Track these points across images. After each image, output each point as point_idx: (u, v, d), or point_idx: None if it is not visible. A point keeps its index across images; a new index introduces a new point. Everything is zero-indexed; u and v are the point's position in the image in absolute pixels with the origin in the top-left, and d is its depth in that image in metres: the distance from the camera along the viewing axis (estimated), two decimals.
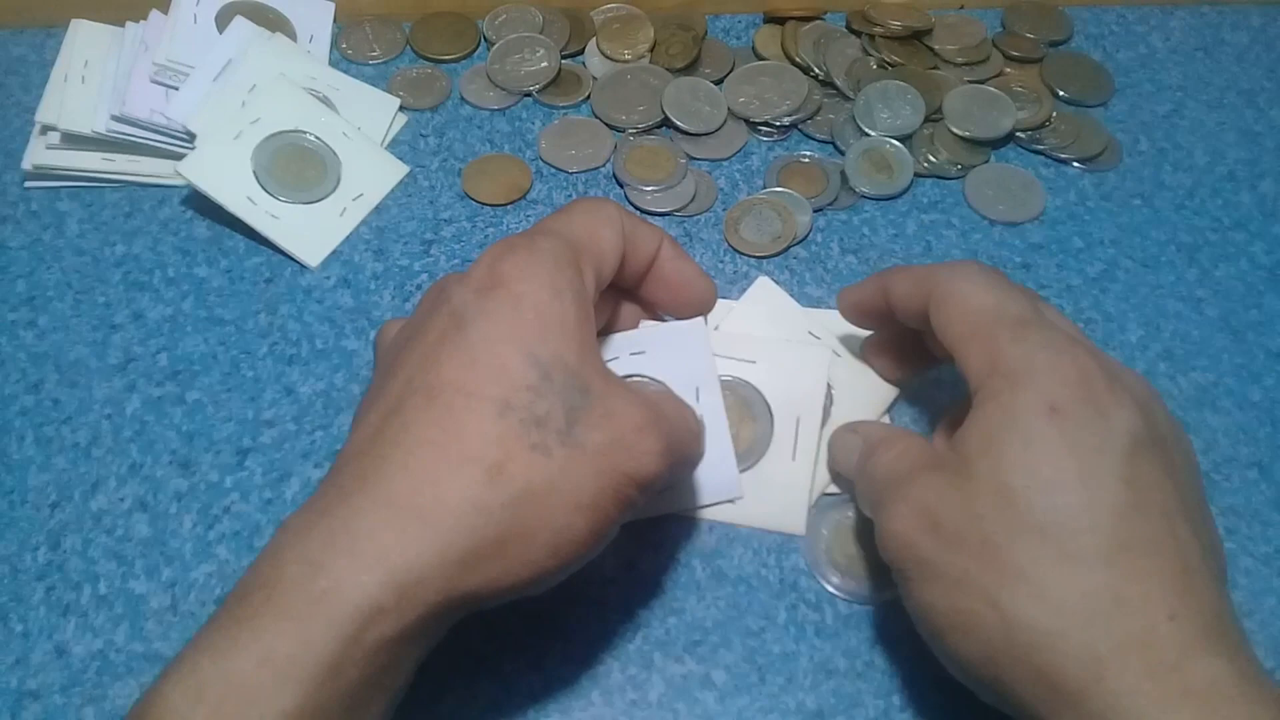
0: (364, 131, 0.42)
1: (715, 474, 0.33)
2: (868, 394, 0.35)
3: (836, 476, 0.34)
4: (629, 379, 0.32)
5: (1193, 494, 0.27)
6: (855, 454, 0.32)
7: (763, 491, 0.33)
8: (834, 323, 0.35)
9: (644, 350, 0.32)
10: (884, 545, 0.28)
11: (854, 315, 0.34)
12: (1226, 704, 0.23)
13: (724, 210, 0.42)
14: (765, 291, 0.37)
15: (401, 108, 0.44)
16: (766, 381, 0.34)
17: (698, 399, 0.32)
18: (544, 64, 0.45)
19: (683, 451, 0.28)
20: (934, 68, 0.46)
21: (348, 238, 0.41)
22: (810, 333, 0.36)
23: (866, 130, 0.44)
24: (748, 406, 0.34)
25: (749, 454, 0.34)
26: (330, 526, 0.24)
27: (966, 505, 0.26)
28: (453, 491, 0.24)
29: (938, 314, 0.29)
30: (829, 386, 0.35)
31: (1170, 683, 0.23)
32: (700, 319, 0.32)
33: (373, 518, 0.24)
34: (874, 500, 0.29)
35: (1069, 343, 0.27)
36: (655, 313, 0.33)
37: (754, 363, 0.34)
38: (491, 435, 0.24)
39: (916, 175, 0.43)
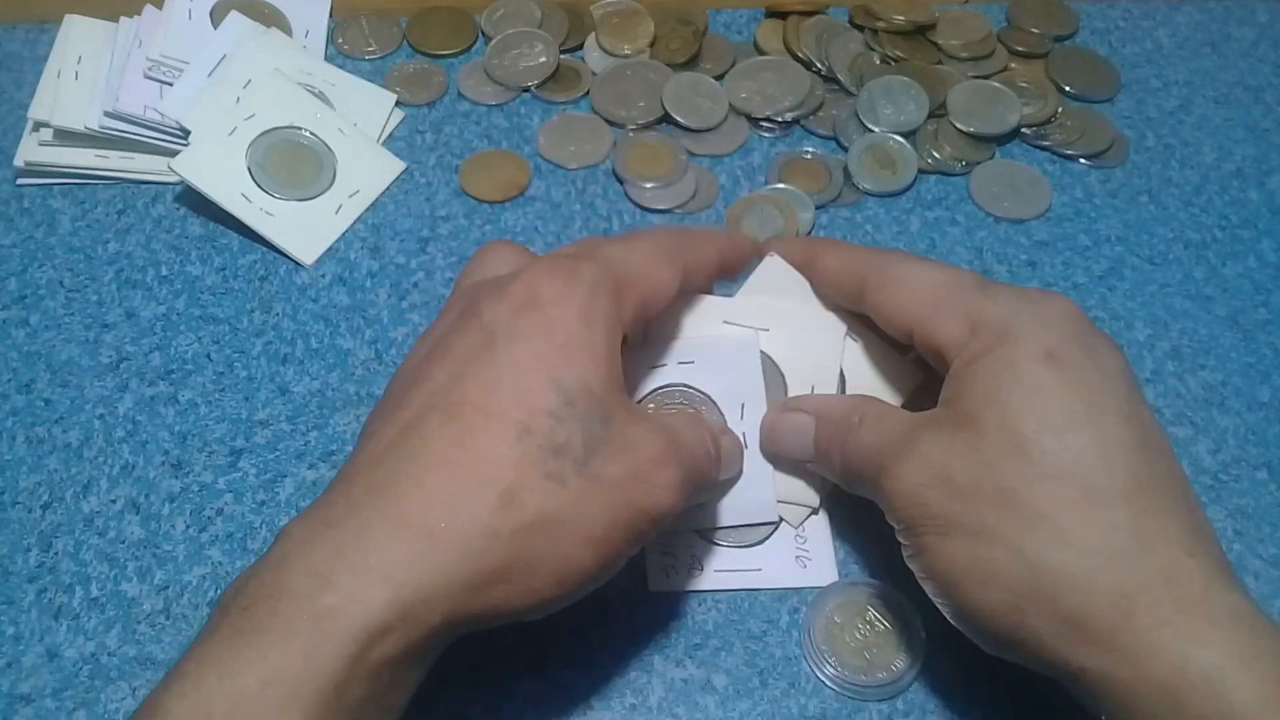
0: (360, 127, 0.42)
1: (753, 494, 0.32)
2: (889, 379, 0.33)
3: (779, 461, 0.32)
4: (671, 389, 0.32)
5: None
6: (808, 434, 0.31)
7: (780, 474, 0.33)
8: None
9: (693, 360, 0.32)
10: (893, 506, 0.28)
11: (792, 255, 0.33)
12: (1252, 634, 0.23)
13: (725, 207, 0.41)
14: (775, 269, 0.34)
15: (398, 103, 0.44)
16: (782, 352, 0.33)
17: (742, 416, 0.32)
18: (542, 59, 0.45)
19: (700, 479, 0.28)
20: (938, 63, 0.46)
21: (343, 235, 0.40)
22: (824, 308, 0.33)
23: (870, 126, 0.43)
24: (765, 375, 0.32)
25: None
26: (339, 539, 0.23)
27: (978, 456, 0.26)
28: (464, 514, 0.24)
29: (881, 298, 0.30)
30: (841, 371, 0.33)
31: (1199, 615, 0.24)
32: (754, 335, 0.33)
33: (382, 534, 0.23)
34: (869, 470, 0.28)
35: (1039, 292, 0.28)
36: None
37: (768, 330, 0.33)
38: (508, 460, 0.24)
39: (920, 172, 0.42)
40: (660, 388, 0.32)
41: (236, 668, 0.22)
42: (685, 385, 0.32)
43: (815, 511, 0.33)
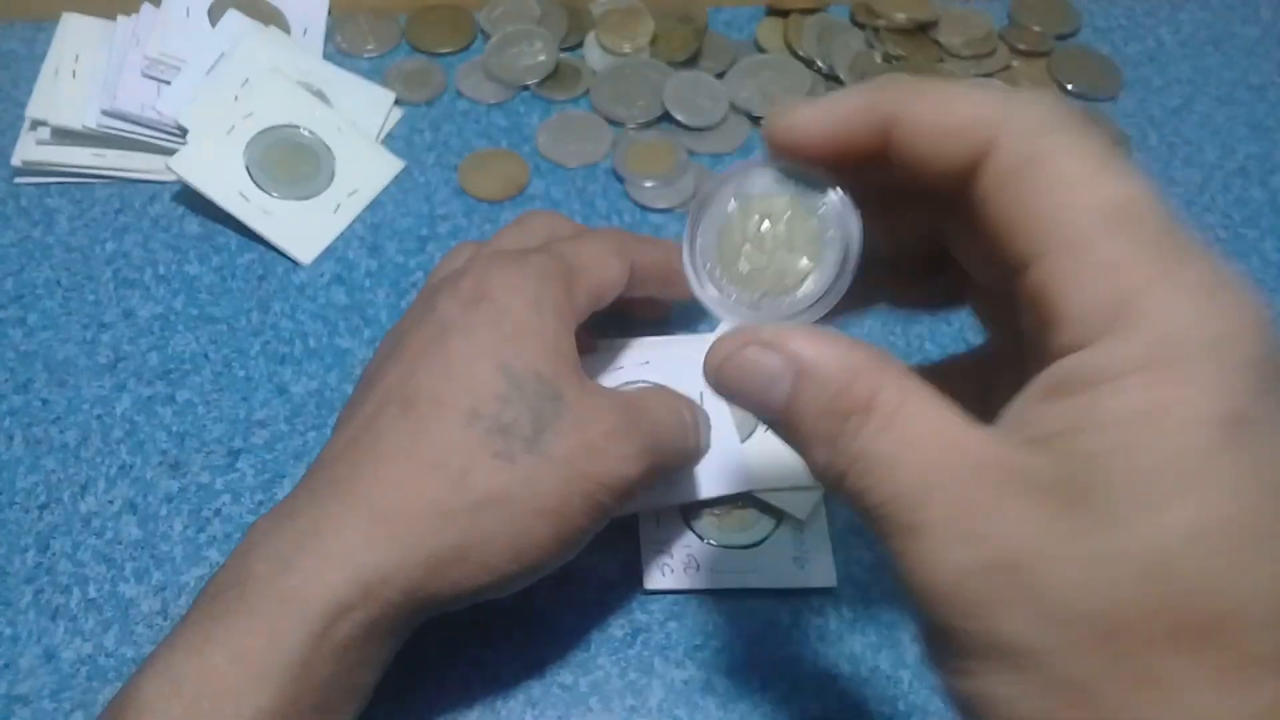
0: (359, 126, 0.42)
1: (726, 468, 0.33)
2: None
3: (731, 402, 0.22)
4: (628, 384, 0.33)
5: None
6: (778, 388, 0.19)
7: (771, 457, 0.33)
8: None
9: (649, 361, 0.34)
10: (926, 605, 0.18)
11: (814, 148, 0.21)
12: None
13: None
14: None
15: (397, 102, 0.43)
16: None
17: (701, 401, 0.33)
18: (542, 57, 0.45)
19: (670, 447, 0.29)
20: (940, 61, 0.45)
21: (342, 234, 0.40)
22: None
23: None
24: None
25: (744, 427, 0.34)
26: (299, 527, 0.25)
27: (1092, 570, 0.16)
28: (418, 497, 0.25)
29: (1003, 198, 0.18)
30: None
31: None
32: (702, 337, 0.35)
33: (340, 520, 0.25)
34: (882, 511, 0.18)
35: (1237, 285, 0.17)
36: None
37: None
38: (458, 443, 0.26)
39: None
40: (620, 386, 0.34)
41: (206, 648, 0.23)
42: (643, 380, 0.34)
43: (822, 499, 0.33)
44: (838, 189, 0.20)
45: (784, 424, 0.20)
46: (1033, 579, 0.17)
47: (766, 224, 0.21)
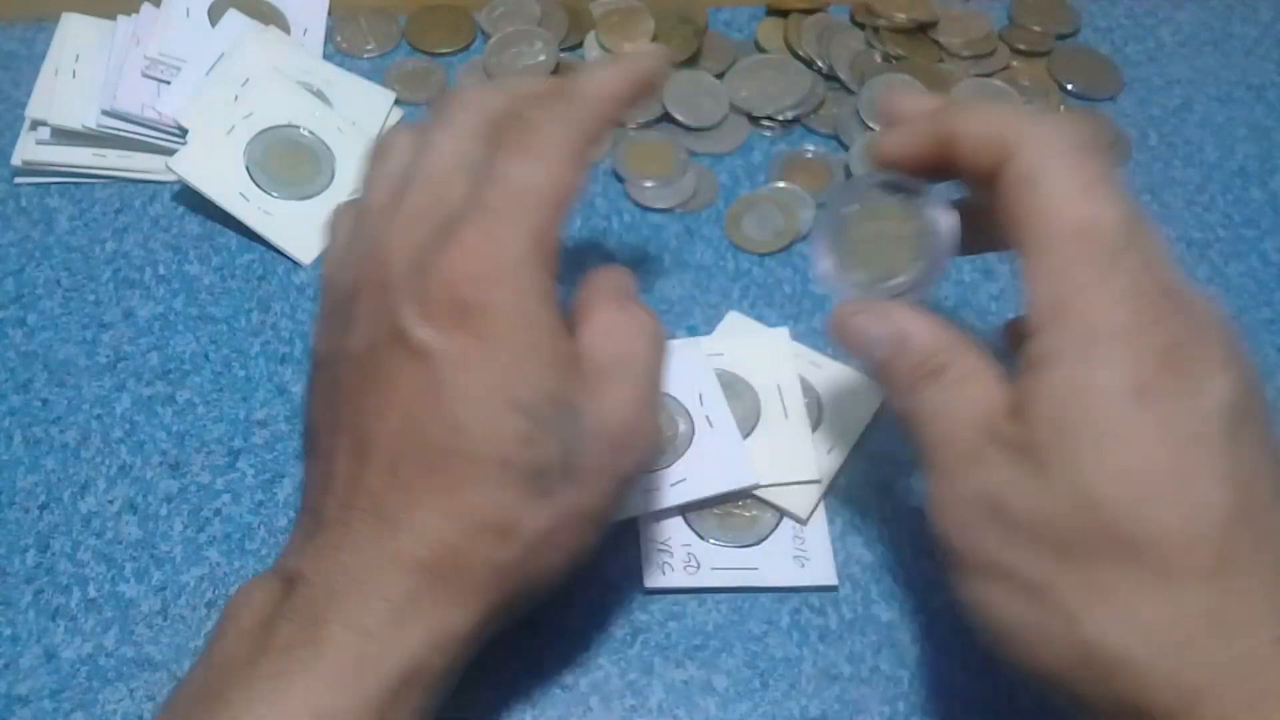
0: (359, 126, 0.42)
1: (729, 464, 0.33)
2: (855, 397, 0.35)
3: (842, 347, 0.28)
4: None
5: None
6: (886, 350, 0.26)
7: (770, 453, 0.34)
8: (807, 340, 0.37)
9: None
10: (941, 528, 0.25)
11: (905, 161, 0.27)
12: None
13: (725, 206, 0.41)
14: (736, 324, 0.38)
15: (397, 102, 0.43)
16: (737, 365, 0.36)
17: (701, 403, 0.34)
18: (542, 58, 0.45)
19: (661, 368, 0.28)
20: (939, 61, 0.45)
21: None
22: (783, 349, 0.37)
23: (871, 125, 0.43)
24: (730, 388, 0.35)
25: (744, 424, 0.34)
26: (364, 590, 0.24)
27: (1041, 503, 0.22)
28: (475, 558, 0.25)
29: (1009, 199, 0.24)
30: (816, 391, 0.36)
31: (1272, 713, 0.21)
32: (699, 341, 0.36)
33: (405, 583, 0.24)
34: (924, 452, 0.25)
35: (1160, 291, 0.23)
36: None
37: (722, 355, 0.36)
38: (499, 500, 0.25)
39: None
40: None
41: (287, 705, 0.23)
42: None
43: (822, 497, 0.33)
44: (935, 200, 0.26)
45: (879, 373, 0.27)
46: (1002, 509, 0.23)
47: (880, 223, 0.27)
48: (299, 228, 0.39)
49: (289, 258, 0.39)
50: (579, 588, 0.32)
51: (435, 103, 0.29)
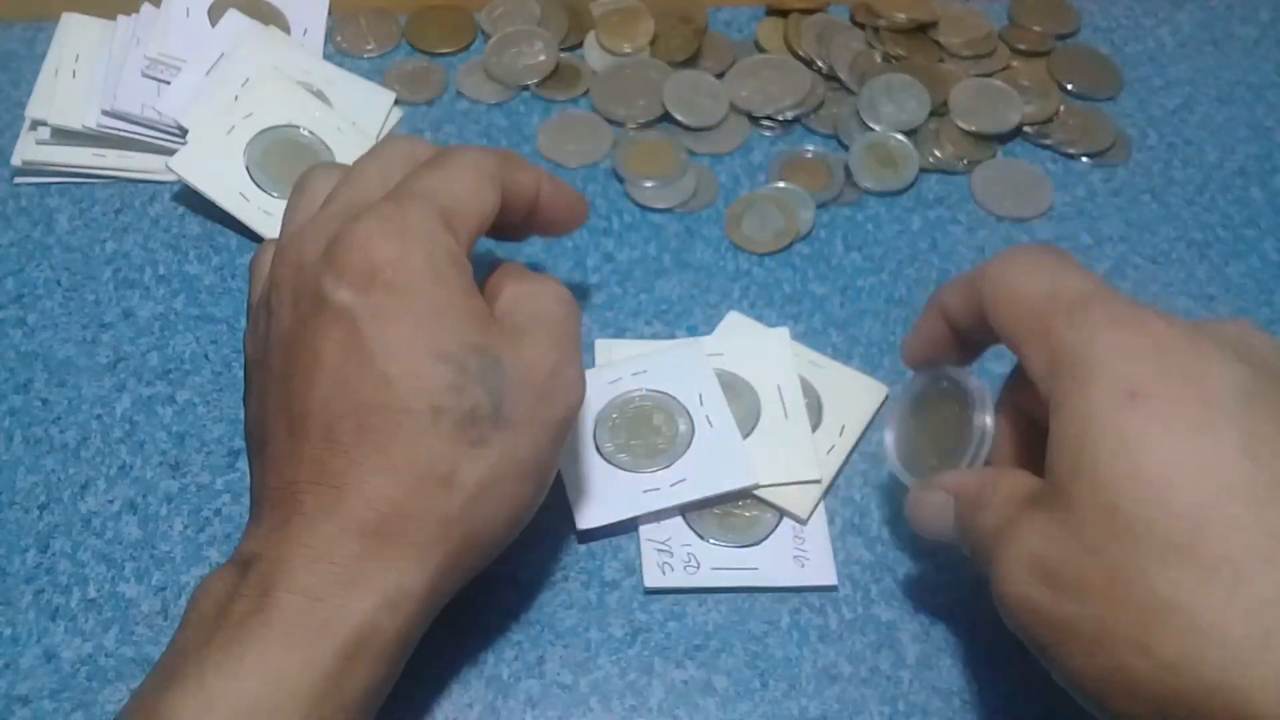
0: (359, 126, 0.42)
1: (729, 464, 0.33)
2: (855, 397, 0.36)
3: (936, 544, 0.30)
4: (629, 394, 0.34)
5: None
6: (949, 512, 0.28)
7: (770, 453, 0.34)
8: (807, 340, 0.37)
9: (645, 370, 0.35)
10: (1003, 612, 0.25)
11: (924, 354, 0.31)
12: None
13: (725, 206, 0.41)
14: (736, 324, 0.38)
15: (397, 102, 0.43)
16: (737, 365, 0.36)
17: (701, 403, 0.34)
18: (542, 57, 0.45)
19: (578, 321, 0.29)
20: (940, 61, 0.45)
21: None
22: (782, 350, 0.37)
23: (871, 125, 0.43)
24: (730, 388, 0.35)
25: (744, 424, 0.34)
26: (312, 556, 0.24)
27: (1076, 541, 0.22)
28: (418, 511, 0.25)
29: (993, 313, 0.26)
30: (816, 391, 0.36)
31: None
32: (699, 342, 0.36)
33: (351, 546, 0.25)
34: (982, 561, 0.26)
35: (1132, 310, 0.24)
36: (537, 233, 0.34)
37: (722, 354, 0.36)
38: (434, 447, 0.25)
39: (922, 170, 0.42)
40: (620, 395, 0.34)
41: (239, 671, 0.23)
42: (642, 388, 0.34)
43: (822, 497, 0.33)
44: (978, 403, 0.29)
45: (958, 538, 0.28)
46: (1045, 566, 0.23)
47: (935, 417, 0.31)
48: None
49: None
50: (579, 588, 0.32)
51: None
